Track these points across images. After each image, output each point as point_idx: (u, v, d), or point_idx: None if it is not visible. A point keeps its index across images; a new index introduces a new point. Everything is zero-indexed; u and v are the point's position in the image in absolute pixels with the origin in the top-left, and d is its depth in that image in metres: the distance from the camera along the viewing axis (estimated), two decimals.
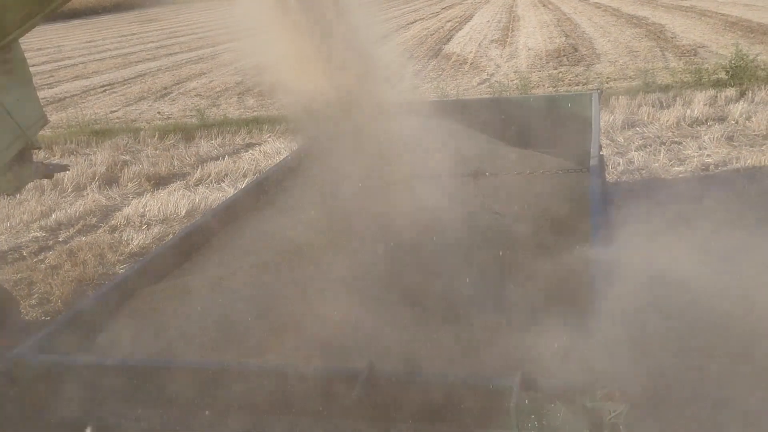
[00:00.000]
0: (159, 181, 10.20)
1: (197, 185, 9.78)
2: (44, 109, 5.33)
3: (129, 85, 20.31)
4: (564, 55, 17.94)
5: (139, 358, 2.58)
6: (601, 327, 2.31)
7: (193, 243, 3.58)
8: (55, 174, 5.99)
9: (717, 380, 3.57)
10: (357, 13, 3.06)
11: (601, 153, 4.44)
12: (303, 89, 2.95)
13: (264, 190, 4.27)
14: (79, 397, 2.27)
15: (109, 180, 10.39)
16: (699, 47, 17.06)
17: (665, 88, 12.39)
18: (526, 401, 1.94)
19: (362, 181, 3.02)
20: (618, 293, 2.55)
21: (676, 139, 9.78)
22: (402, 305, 2.75)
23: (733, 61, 12.37)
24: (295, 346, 2.60)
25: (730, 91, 11.61)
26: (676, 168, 8.56)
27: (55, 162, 9.33)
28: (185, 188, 9.67)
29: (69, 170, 8.64)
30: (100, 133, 13.35)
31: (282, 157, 4.90)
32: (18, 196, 5.92)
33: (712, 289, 2.98)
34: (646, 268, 2.83)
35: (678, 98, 11.68)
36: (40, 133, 5.34)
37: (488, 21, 29.29)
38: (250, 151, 11.19)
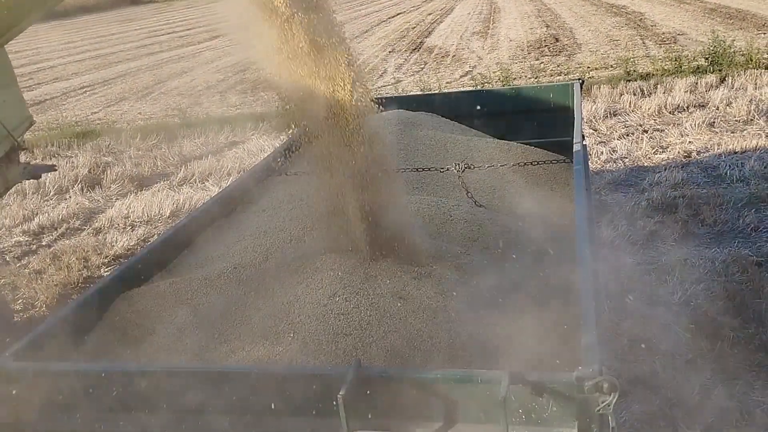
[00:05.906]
0: (142, 182, 10.14)
1: (181, 185, 9.72)
2: None
3: (109, 86, 20.16)
4: (545, 46, 17.98)
5: (120, 364, 2.56)
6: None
7: (173, 247, 3.55)
8: (42, 174, 5.99)
9: None
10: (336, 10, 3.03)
11: (583, 143, 4.44)
12: (292, 86, 2.92)
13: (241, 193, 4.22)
14: (58, 404, 2.25)
15: (92, 182, 10.31)
16: (679, 35, 17.15)
17: (646, 76, 12.46)
18: (515, 395, 1.94)
19: (345, 176, 3.00)
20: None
21: (658, 127, 9.84)
22: (386, 300, 2.75)
23: (711, 48, 12.45)
24: (280, 347, 2.59)
25: (710, 78, 11.68)
26: (659, 155, 8.61)
27: (41, 163, 9.27)
28: (169, 188, 9.62)
29: (56, 170, 8.60)
30: (81, 135, 13.24)
31: (265, 155, 4.86)
32: (1, 200, 5.89)
33: None
34: None
35: (659, 86, 11.75)
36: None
37: (469, 13, 29.28)
38: (234, 149, 11.14)
